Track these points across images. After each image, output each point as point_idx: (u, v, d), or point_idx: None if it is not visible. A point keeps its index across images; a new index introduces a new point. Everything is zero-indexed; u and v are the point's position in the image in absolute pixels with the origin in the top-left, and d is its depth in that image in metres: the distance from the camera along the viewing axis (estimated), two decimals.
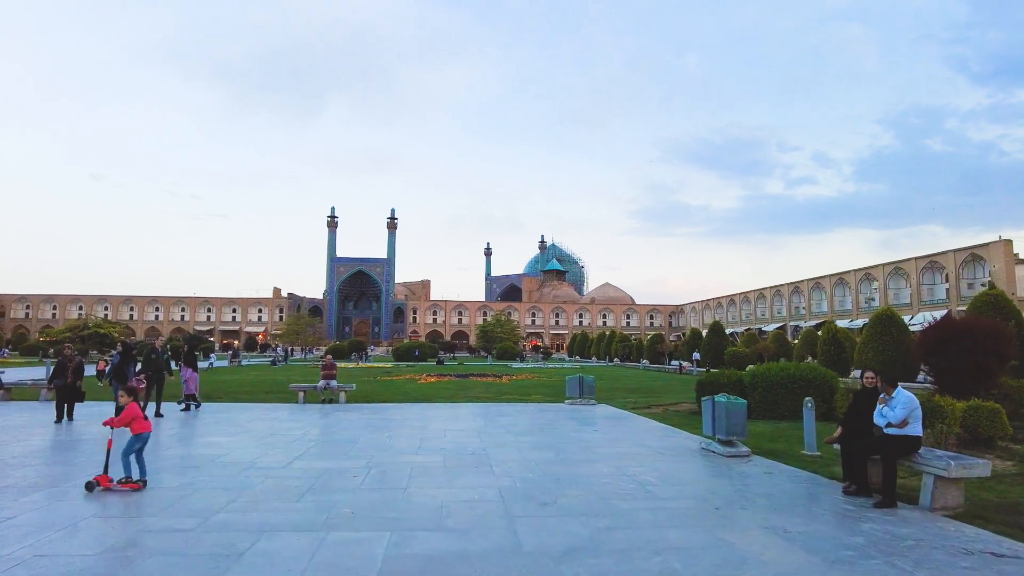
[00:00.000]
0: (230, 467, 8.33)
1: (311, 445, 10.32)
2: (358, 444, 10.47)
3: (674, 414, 16.86)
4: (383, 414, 15.42)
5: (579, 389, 19.03)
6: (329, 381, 18.51)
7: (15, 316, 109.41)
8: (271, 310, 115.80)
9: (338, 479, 7.71)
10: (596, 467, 8.84)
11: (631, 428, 13.39)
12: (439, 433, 11.96)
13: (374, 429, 12.45)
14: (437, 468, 8.55)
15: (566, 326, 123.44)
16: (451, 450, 10.00)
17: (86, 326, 61.99)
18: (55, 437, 10.94)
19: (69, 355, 13.35)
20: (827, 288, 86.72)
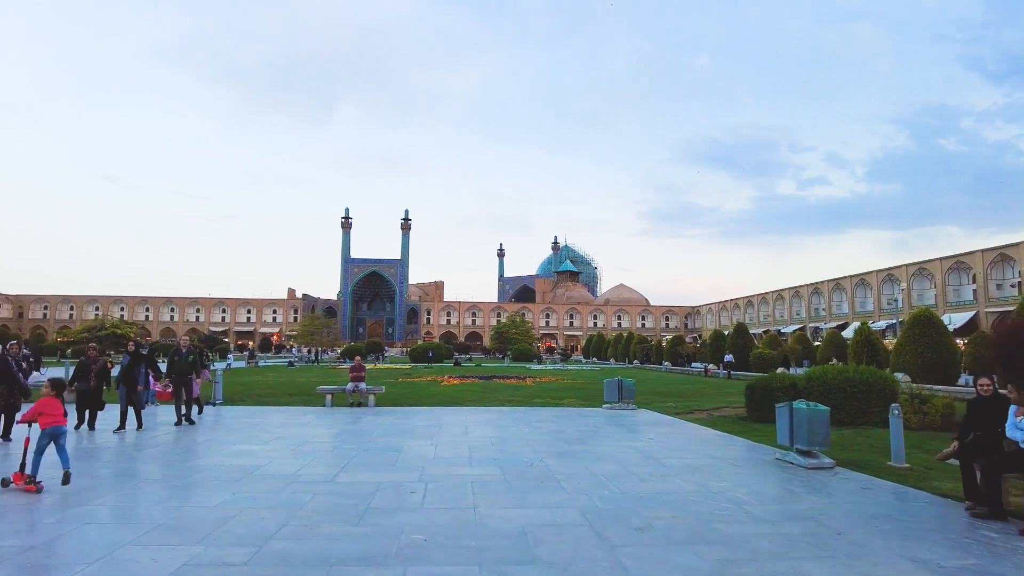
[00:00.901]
0: (271, 481, 7.52)
1: (353, 454, 9.50)
2: (403, 454, 9.64)
3: (722, 420, 15.93)
4: (418, 419, 14.60)
5: (618, 393, 18.12)
6: (358, 383, 17.73)
7: (33, 316, 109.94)
8: (285, 311, 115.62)
9: (394, 496, 6.87)
10: (673, 482, 7.95)
11: (687, 436, 12.48)
12: (485, 441, 11.12)
13: (415, 436, 11.62)
14: (498, 483, 7.70)
15: (580, 327, 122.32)
16: (506, 461, 9.15)
17: (103, 326, 61.85)
18: (76, 444, 10.19)
19: (93, 356, 12.10)
20: (848, 289, 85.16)
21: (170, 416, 13.53)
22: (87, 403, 11.83)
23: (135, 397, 12.09)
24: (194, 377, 13.23)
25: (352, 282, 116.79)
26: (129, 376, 12.12)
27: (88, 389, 11.75)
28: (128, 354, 12.62)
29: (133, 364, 12.39)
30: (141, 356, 12.90)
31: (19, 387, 10.19)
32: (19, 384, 10.20)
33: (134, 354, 12.63)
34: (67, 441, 7.32)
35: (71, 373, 13.05)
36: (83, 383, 11.79)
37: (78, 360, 12.50)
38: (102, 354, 12.66)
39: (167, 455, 9.44)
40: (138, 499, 6.55)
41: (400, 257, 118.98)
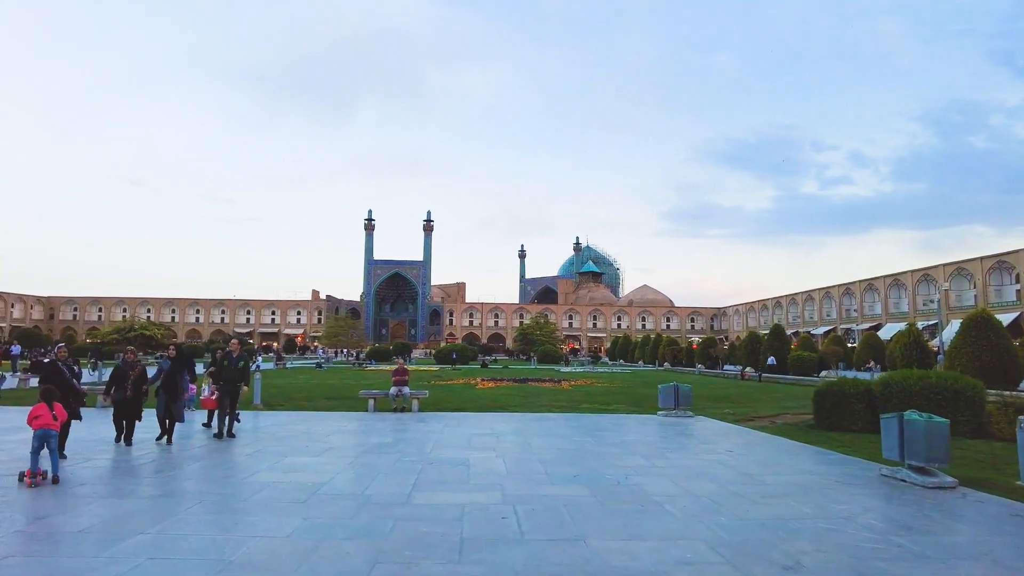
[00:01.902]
0: (341, 502, 6.71)
1: (418, 468, 8.68)
2: (472, 468, 8.79)
3: (789, 428, 14.90)
4: (470, 426, 13.77)
5: (675, 399, 17.14)
6: (401, 388, 16.96)
7: (63, 318, 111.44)
8: (310, 312, 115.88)
9: (485, 522, 6.02)
10: (789, 505, 7.01)
11: (766, 447, 11.48)
12: (554, 453, 10.24)
13: (475, 447, 10.77)
14: (593, 506, 6.81)
15: (604, 329, 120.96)
16: (588, 478, 8.27)
17: (132, 328, 62.10)
18: (113, 459, 9.51)
19: (131, 360, 10.72)
20: (881, 289, 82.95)
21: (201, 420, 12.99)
22: (124, 413, 10.40)
23: (176, 407, 10.85)
24: (243, 386, 11.67)
25: (375, 283, 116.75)
26: (171, 383, 10.94)
27: (125, 398, 10.35)
28: (169, 359, 11.42)
29: (175, 370, 11.20)
30: (184, 361, 11.80)
31: (74, 393, 9.35)
32: (75, 390, 9.38)
33: (176, 359, 11.44)
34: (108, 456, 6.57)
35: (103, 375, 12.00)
36: (120, 391, 10.40)
37: (114, 365, 11.25)
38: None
39: (215, 471, 8.66)
40: (193, 525, 5.77)
41: (422, 258, 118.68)
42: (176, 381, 11.01)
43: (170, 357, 11.49)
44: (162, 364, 11.35)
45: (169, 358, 11.46)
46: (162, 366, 11.28)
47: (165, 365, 11.28)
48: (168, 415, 10.71)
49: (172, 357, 11.44)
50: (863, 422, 14.35)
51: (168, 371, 11.10)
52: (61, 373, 9.16)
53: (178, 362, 11.37)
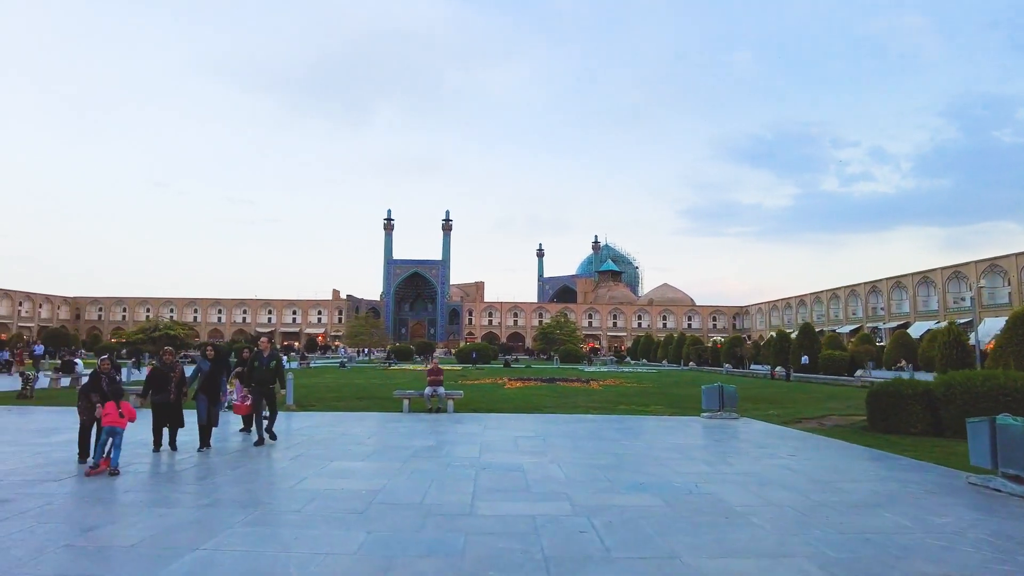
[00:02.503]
0: (402, 513, 6.25)
1: (472, 475, 8.21)
2: (530, 475, 8.30)
3: (842, 430, 14.24)
4: (511, 428, 13.30)
5: (719, 400, 16.52)
6: (436, 388, 16.54)
7: (89, 318, 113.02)
8: (330, 312, 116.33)
9: (563, 537, 5.53)
10: (885, 518, 6.42)
11: (829, 452, 10.85)
12: (610, 458, 9.72)
13: (525, 451, 10.28)
14: (672, 517, 6.28)
15: (624, 328, 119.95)
16: (656, 486, 7.74)
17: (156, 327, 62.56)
18: (153, 468, 9.15)
19: (170, 362, 10.02)
20: (909, 287, 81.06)
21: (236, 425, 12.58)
22: (166, 418, 9.75)
23: (215, 411, 10.35)
24: (278, 387, 11.07)
25: (395, 283, 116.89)
26: (212, 386, 10.35)
27: (168, 402, 9.70)
28: (208, 360, 10.71)
29: (215, 373, 10.57)
30: (224, 362, 11.22)
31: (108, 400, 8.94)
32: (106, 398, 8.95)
33: (216, 360, 10.80)
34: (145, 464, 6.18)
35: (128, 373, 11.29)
36: (161, 394, 9.69)
37: (152, 366, 10.64)
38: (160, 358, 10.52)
39: (261, 478, 8.23)
40: (250, 540, 5.33)
41: (441, 258, 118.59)
42: (216, 384, 10.52)
43: (209, 358, 10.82)
44: (201, 365, 10.64)
45: (208, 359, 10.81)
46: (201, 367, 10.60)
47: (204, 367, 10.59)
48: (210, 420, 10.25)
49: (211, 358, 10.79)
50: (923, 424, 13.65)
51: (208, 373, 10.51)
52: (100, 387, 8.74)
53: (218, 364, 10.79)
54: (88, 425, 8.70)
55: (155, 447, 9.79)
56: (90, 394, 8.62)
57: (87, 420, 8.69)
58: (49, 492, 6.87)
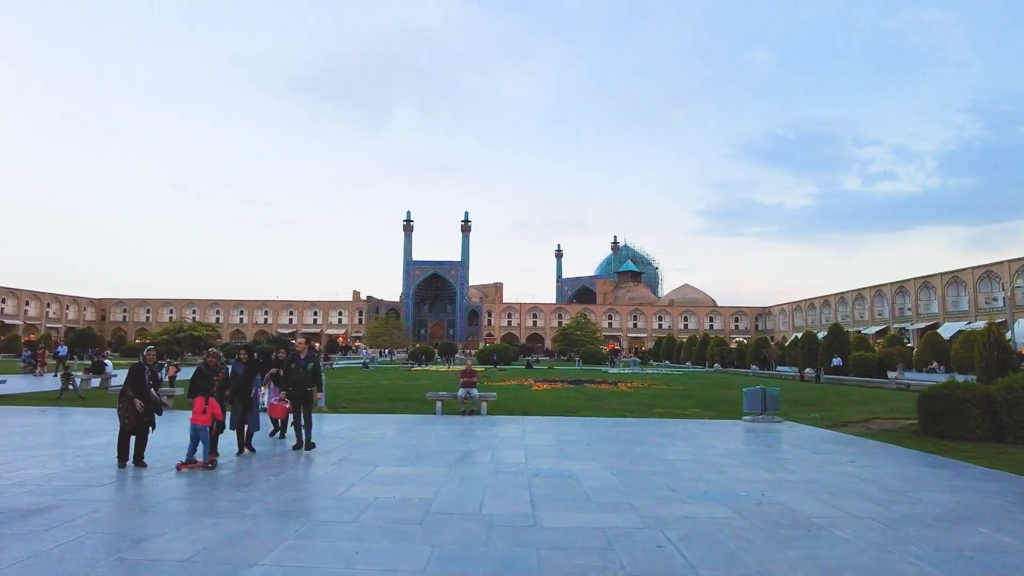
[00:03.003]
0: (461, 524, 5.90)
1: (524, 483, 7.84)
2: (585, 482, 7.90)
3: (892, 434, 13.71)
4: (551, 432, 12.93)
5: (762, 403, 16.00)
6: (470, 390, 16.22)
7: (114, 319, 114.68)
8: (351, 312, 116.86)
9: (642, 553, 5.13)
10: (982, 534, 5.93)
11: (891, 459, 10.32)
12: (662, 465, 9.30)
13: (572, 456, 9.89)
14: (751, 531, 5.86)
15: (645, 329, 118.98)
16: (720, 496, 7.31)
17: (181, 328, 63.13)
18: (191, 474, 8.91)
19: (214, 364, 9.53)
20: (938, 287, 79.31)
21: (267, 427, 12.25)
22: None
23: (251, 417, 10.01)
24: (315, 391, 10.45)
25: (414, 284, 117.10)
26: (245, 391, 9.95)
27: None
28: (242, 363, 10.24)
29: (249, 375, 10.17)
30: (256, 366, 10.65)
31: (152, 403, 8.56)
32: (151, 400, 8.54)
33: (249, 364, 10.30)
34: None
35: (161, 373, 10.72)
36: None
37: (195, 368, 9.78)
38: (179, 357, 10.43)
39: (306, 484, 7.89)
40: (309, 554, 4.97)
41: (460, 259, 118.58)
42: (250, 388, 10.11)
43: (242, 361, 10.30)
44: (234, 369, 10.16)
45: (242, 362, 10.30)
46: (234, 371, 10.12)
47: (238, 370, 10.12)
48: (243, 425, 9.87)
49: (244, 362, 10.28)
50: (981, 430, 13.05)
51: (241, 377, 10.07)
52: (142, 377, 8.48)
53: (251, 367, 10.35)
54: (129, 429, 8.37)
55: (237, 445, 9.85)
56: (128, 391, 8.39)
57: (128, 423, 8.36)
58: (93, 499, 6.63)
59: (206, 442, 8.59)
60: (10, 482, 7.30)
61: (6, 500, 6.44)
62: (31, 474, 7.77)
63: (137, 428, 8.43)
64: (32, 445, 10.05)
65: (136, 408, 8.24)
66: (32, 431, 11.85)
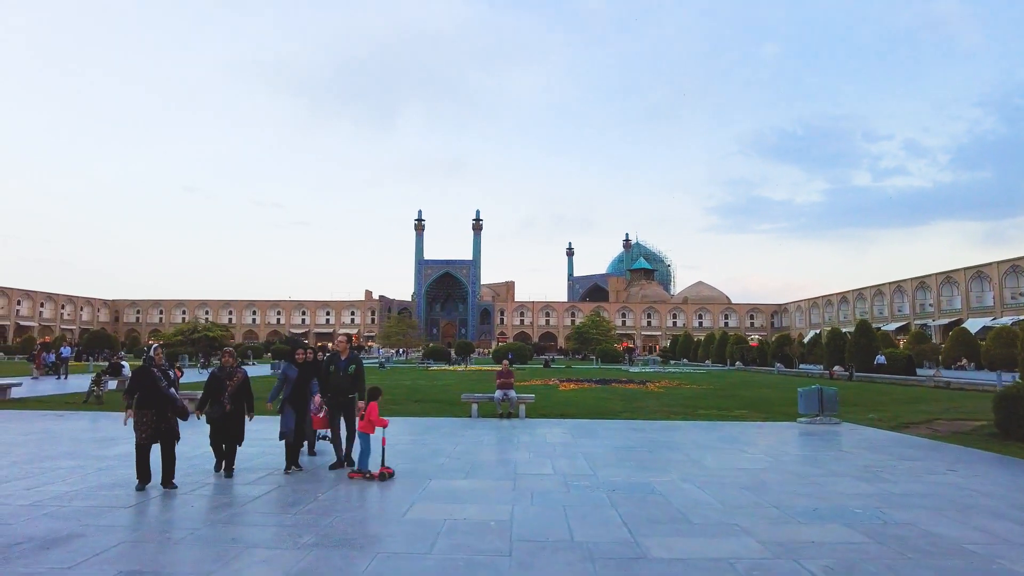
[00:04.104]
0: (559, 555, 4.96)
1: (599, 498, 6.92)
2: (672, 498, 6.96)
3: (968, 437, 12.75)
4: (602, 437, 11.99)
5: (819, 404, 15.00)
6: (507, 391, 15.32)
7: (127, 320, 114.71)
8: (363, 312, 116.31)
9: None
10: None
11: (992, 467, 9.31)
12: (748, 477, 8.35)
13: (641, 465, 8.94)
14: (901, 561, 4.91)
15: (659, 327, 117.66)
16: (836, 514, 6.35)
17: (195, 329, 62.63)
18: (231, 489, 7.69)
19: (230, 366, 8.19)
20: (961, 283, 77.67)
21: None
22: (222, 434, 8.04)
23: (306, 426, 8.63)
24: (357, 398, 8.67)
25: (426, 283, 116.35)
26: (301, 397, 8.63)
27: (223, 414, 7.94)
28: (296, 366, 8.80)
29: (304, 380, 8.66)
30: (314, 369, 9.05)
31: (172, 407, 7.32)
32: (172, 403, 7.30)
33: (304, 364, 8.83)
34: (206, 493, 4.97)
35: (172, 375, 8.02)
36: (217, 406, 7.93)
37: (209, 372, 8.59)
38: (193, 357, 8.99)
39: (362, 506, 6.67)
40: None
41: (472, 257, 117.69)
42: (306, 394, 8.77)
43: (299, 362, 8.86)
44: (287, 372, 8.79)
45: (297, 364, 8.86)
46: (287, 374, 8.76)
47: (291, 373, 8.75)
48: (300, 436, 8.54)
49: (300, 362, 8.86)
50: None
51: (297, 381, 8.70)
52: (153, 380, 7.21)
53: (308, 370, 8.88)
54: (147, 444, 7.11)
55: (217, 468, 8.24)
56: (133, 396, 7.27)
57: (146, 437, 7.08)
58: (122, 523, 5.76)
59: (367, 452, 8.09)
60: (27, 502, 6.45)
61: (23, 526, 5.58)
62: (50, 492, 6.91)
63: (155, 441, 7.13)
64: (50, 455, 9.21)
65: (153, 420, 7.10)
66: (49, 439, 11.04)
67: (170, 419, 7.26)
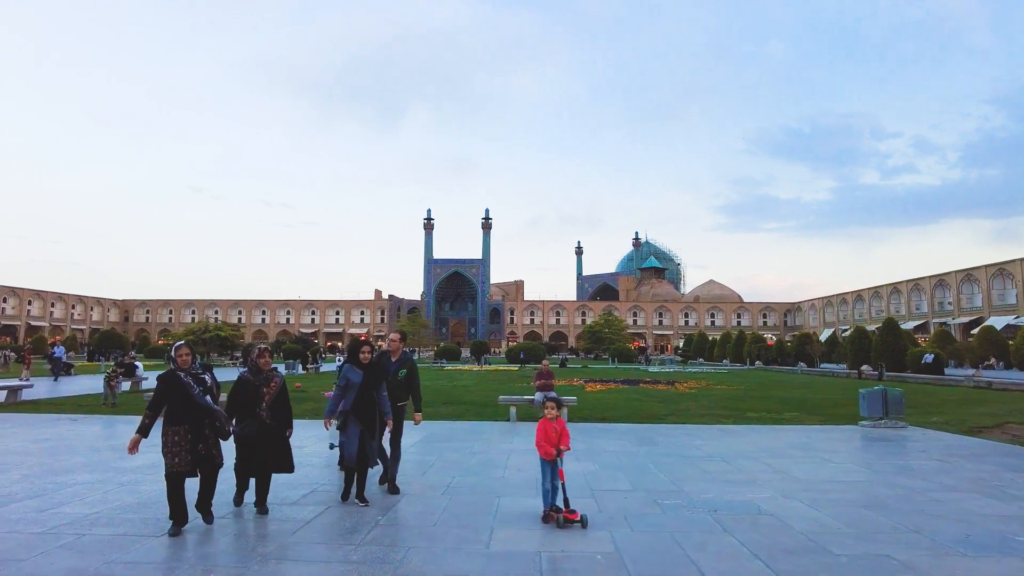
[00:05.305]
0: None
1: (708, 520, 5.91)
2: (789, 521, 5.93)
3: None
4: (661, 444, 10.99)
5: (883, 407, 13.95)
6: (548, 393, 14.29)
7: (137, 320, 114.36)
8: (373, 311, 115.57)
9: None
10: None
11: None
12: (857, 493, 7.33)
13: (727, 479, 7.92)
14: None
15: (671, 326, 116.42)
16: (999, 545, 5.34)
17: (206, 328, 61.86)
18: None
19: (266, 367, 6.36)
20: (982, 280, 76.13)
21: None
22: (258, 459, 6.13)
23: (371, 445, 6.50)
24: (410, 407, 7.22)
25: (435, 282, 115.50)
26: (366, 407, 6.52)
27: (259, 431, 6.10)
28: (360, 369, 6.61)
29: (371, 384, 6.59)
30: (382, 372, 6.92)
31: (211, 421, 5.60)
32: (210, 416, 5.59)
33: (372, 366, 6.71)
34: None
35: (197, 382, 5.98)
36: (250, 422, 6.10)
37: (237, 377, 6.55)
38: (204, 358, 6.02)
39: (434, 534, 5.50)
40: None
41: (481, 256, 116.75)
42: (375, 402, 6.63)
43: (364, 362, 6.66)
44: (349, 376, 6.60)
45: (363, 367, 6.65)
46: (350, 379, 6.59)
47: (355, 378, 6.57)
48: (363, 457, 6.49)
49: (366, 363, 6.69)
50: None
51: (361, 388, 6.52)
52: (183, 389, 5.51)
53: (375, 373, 6.74)
54: (180, 474, 5.44)
55: (237, 500, 6.34)
56: (158, 411, 5.59)
57: (180, 464, 5.41)
58: (155, 558, 4.76)
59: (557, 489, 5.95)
60: (43, 528, 5.48)
61: (37, 563, 4.58)
62: (67, 515, 5.94)
63: (193, 470, 5.52)
64: (66, 468, 8.25)
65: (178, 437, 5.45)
66: (63, 447, 10.10)
67: (208, 439, 5.61)
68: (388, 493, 7.02)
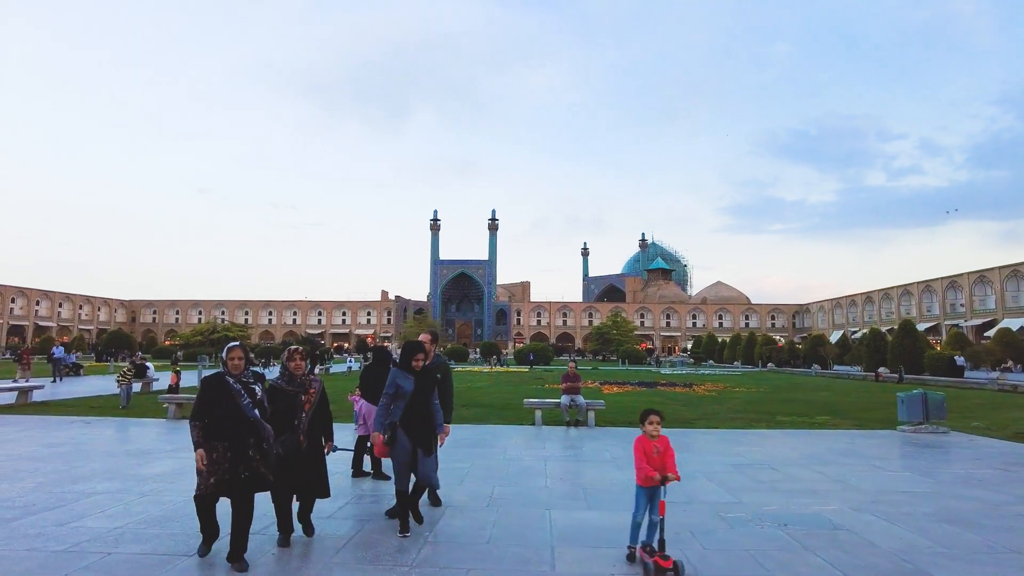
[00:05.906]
0: None
1: (784, 538, 5.44)
2: (877, 541, 5.43)
3: None
4: (699, 451, 10.52)
5: (923, 411, 13.43)
6: (575, 397, 13.85)
7: (144, 320, 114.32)
8: (379, 312, 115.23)
9: None
10: None
11: None
12: (932, 507, 6.83)
13: (786, 490, 7.41)
14: None
15: (679, 328, 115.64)
16: None
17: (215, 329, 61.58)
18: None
19: (300, 373, 5.42)
20: (995, 282, 75.23)
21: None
22: (295, 483, 5.27)
23: (427, 463, 5.58)
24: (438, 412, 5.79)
25: (441, 283, 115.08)
26: (421, 417, 5.55)
27: (298, 446, 5.22)
28: (411, 374, 5.59)
29: (424, 392, 5.58)
30: (434, 376, 5.86)
31: (257, 440, 4.73)
32: (258, 433, 4.74)
33: (424, 373, 5.67)
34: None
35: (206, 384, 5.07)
36: (290, 437, 5.15)
37: (269, 382, 5.33)
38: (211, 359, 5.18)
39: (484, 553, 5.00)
40: None
41: (488, 257, 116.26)
42: (430, 412, 5.63)
43: (415, 368, 5.62)
44: (400, 384, 5.54)
45: (414, 371, 5.62)
46: (400, 387, 5.53)
47: (406, 385, 5.52)
48: (420, 481, 5.70)
49: (418, 368, 5.64)
50: None
51: (415, 394, 5.52)
52: (232, 398, 4.68)
53: (426, 378, 5.67)
54: (213, 493, 4.67)
55: (281, 536, 5.23)
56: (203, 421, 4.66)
57: (214, 484, 4.61)
58: None
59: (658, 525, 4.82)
60: (64, 546, 5.02)
61: None
62: (89, 529, 5.50)
63: (227, 493, 4.67)
64: (83, 475, 7.82)
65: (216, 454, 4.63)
66: (79, 452, 9.67)
67: (252, 460, 4.70)
68: (431, 506, 6.52)
